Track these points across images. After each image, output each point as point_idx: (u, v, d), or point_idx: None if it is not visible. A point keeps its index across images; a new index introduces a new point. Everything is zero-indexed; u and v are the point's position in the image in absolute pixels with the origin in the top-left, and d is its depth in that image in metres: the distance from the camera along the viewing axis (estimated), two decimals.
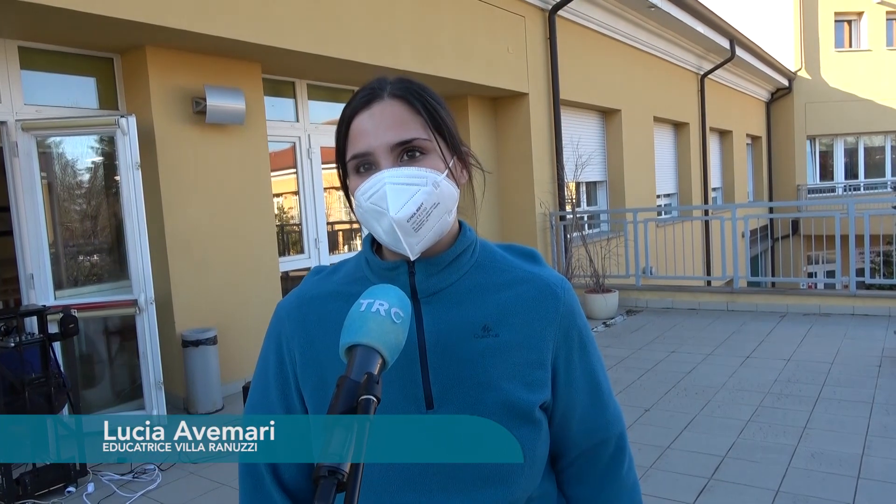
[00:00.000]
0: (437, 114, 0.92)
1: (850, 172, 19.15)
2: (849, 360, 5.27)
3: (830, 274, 14.90)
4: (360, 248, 1.02)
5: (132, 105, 4.91)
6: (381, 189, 0.87)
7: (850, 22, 18.62)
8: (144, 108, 4.80)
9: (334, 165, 0.97)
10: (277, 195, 6.13)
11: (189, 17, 4.44)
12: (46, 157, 4.65)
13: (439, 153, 0.91)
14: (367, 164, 0.90)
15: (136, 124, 4.48)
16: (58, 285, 4.56)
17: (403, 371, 0.89)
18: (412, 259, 0.90)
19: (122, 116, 4.43)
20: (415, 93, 0.92)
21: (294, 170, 6.33)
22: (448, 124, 0.94)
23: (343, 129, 0.93)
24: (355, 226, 7.14)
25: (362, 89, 0.93)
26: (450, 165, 0.92)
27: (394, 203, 0.86)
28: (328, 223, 6.69)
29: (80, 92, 4.81)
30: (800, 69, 18.09)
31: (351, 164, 0.91)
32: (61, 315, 3.77)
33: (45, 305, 3.94)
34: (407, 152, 0.89)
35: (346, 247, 7.10)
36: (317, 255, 6.49)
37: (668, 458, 3.64)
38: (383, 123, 0.89)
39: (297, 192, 6.37)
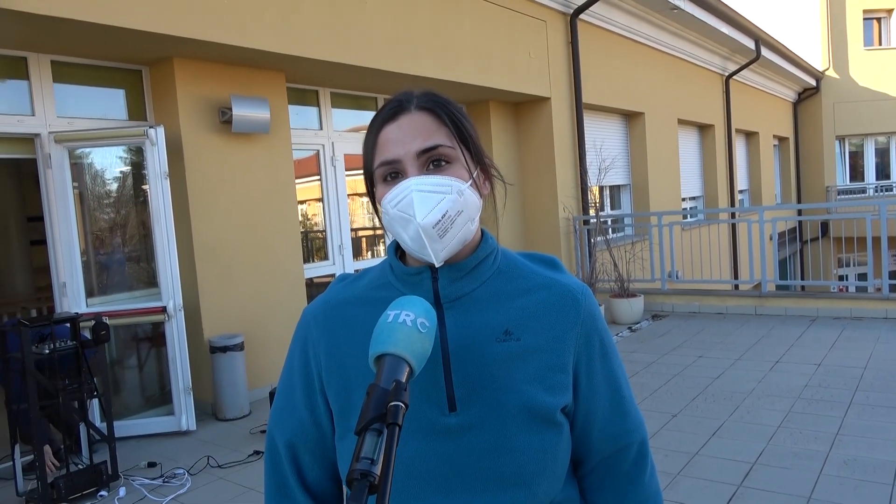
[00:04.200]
0: (461, 125, 0.95)
1: (882, 173, 18.73)
2: (882, 365, 5.15)
3: (862, 277, 14.58)
4: (383, 253, 1.04)
5: (160, 116, 5.01)
6: (407, 196, 0.89)
7: (879, 19, 18.25)
8: (172, 118, 4.90)
9: (358, 172, 0.99)
10: (302, 202, 6.20)
11: (215, 29, 4.52)
12: (77, 168, 4.76)
13: (464, 163, 0.94)
14: (394, 173, 0.93)
15: (165, 134, 4.58)
16: (89, 293, 4.67)
17: (427, 375, 0.91)
18: (437, 266, 0.92)
19: (150, 127, 4.52)
20: (440, 105, 0.95)
21: (318, 177, 6.40)
22: (472, 135, 0.97)
23: (371, 140, 0.96)
24: (378, 232, 7.18)
25: (389, 102, 0.97)
26: (473, 175, 0.95)
27: (420, 209, 0.88)
28: (352, 229, 6.73)
29: (110, 103, 4.93)
30: (827, 68, 17.78)
31: (378, 172, 0.94)
32: (93, 322, 3.85)
33: (77, 313, 4.02)
34: (433, 161, 0.92)
35: (369, 253, 7.14)
36: (341, 261, 6.54)
37: (696, 464, 3.60)
38: (410, 133, 0.92)
39: (321, 199, 6.43)
